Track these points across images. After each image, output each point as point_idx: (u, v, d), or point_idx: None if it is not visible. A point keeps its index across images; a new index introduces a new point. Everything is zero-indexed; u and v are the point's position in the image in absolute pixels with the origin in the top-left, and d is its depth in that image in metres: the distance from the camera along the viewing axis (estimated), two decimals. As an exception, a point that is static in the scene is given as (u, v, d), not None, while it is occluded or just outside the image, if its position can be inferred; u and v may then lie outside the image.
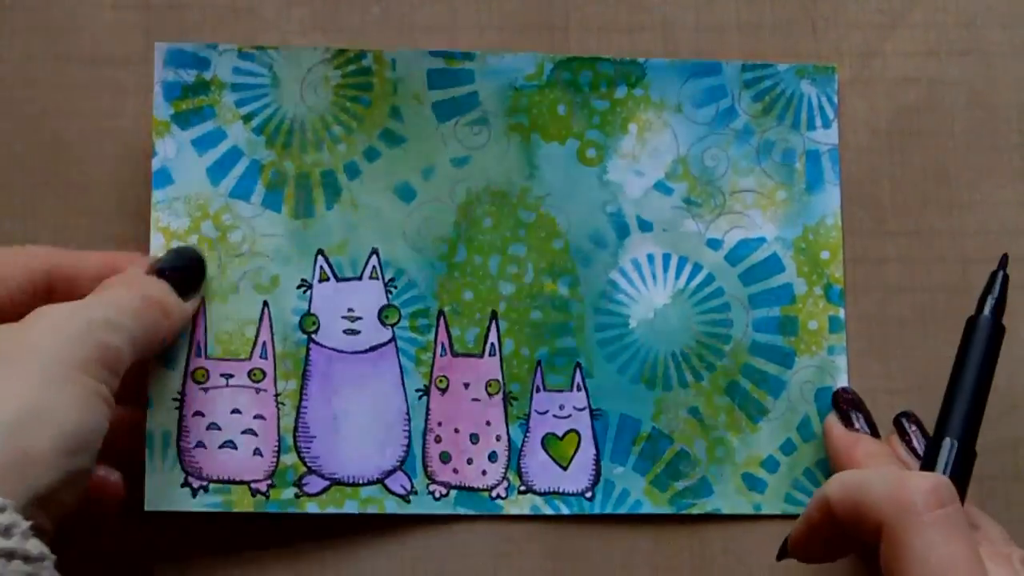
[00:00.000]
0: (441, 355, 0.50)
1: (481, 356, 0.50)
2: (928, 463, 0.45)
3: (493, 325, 0.50)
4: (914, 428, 0.49)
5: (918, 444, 0.48)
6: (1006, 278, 0.46)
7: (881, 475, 0.41)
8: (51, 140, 0.51)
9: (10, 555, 0.35)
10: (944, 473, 0.44)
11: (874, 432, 0.49)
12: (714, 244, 0.51)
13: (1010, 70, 0.53)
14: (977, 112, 0.53)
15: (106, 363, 0.41)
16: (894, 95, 0.53)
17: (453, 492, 0.49)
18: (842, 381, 0.51)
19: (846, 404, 0.50)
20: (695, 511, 0.50)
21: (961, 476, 0.44)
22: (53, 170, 0.51)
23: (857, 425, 0.49)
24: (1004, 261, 0.47)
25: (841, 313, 0.51)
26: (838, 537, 0.43)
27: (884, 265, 0.52)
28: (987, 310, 0.46)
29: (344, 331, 0.50)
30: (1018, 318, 0.51)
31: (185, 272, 0.48)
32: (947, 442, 0.44)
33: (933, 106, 0.53)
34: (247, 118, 0.50)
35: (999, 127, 0.53)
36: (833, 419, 0.50)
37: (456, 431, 0.50)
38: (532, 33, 0.53)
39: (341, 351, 0.49)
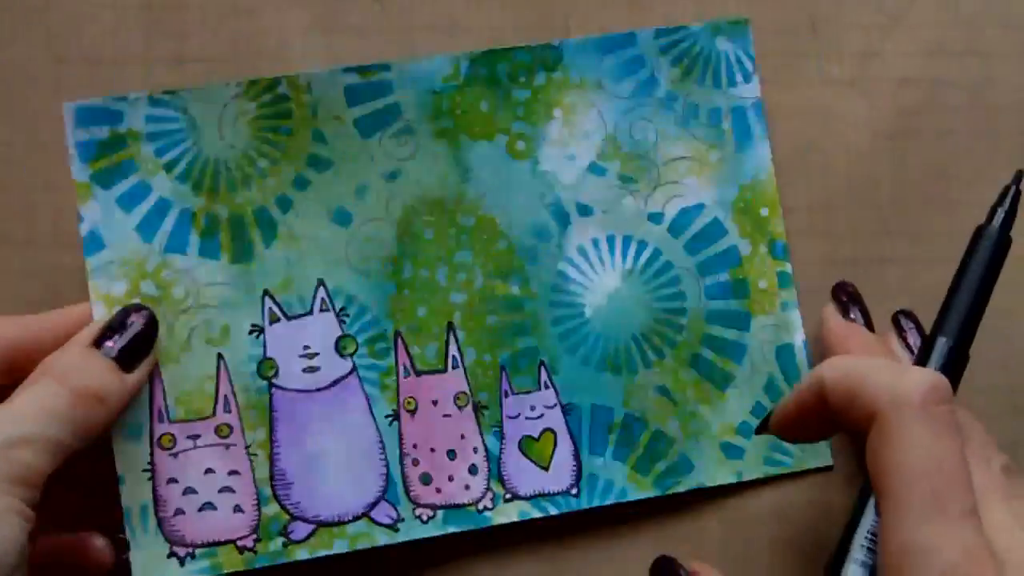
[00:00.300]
0: (405, 376, 0.49)
1: (444, 371, 0.49)
2: (921, 360, 0.45)
3: (451, 337, 0.49)
4: (911, 325, 0.49)
5: (913, 340, 0.48)
6: (1018, 193, 0.46)
7: (880, 364, 0.41)
8: (51, 140, 0.50)
9: None
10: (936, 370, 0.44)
11: (869, 328, 0.49)
12: (655, 218, 0.51)
13: (1010, 70, 0.53)
14: (977, 112, 0.53)
15: (21, 480, 0.41)
16: (894, 95, 0.53)
17: (440, 512, 0.49)
18: (799, 335, 0.51)
19: (845, 296, 0.50)
20: (680, 488, 0.50)
21: (952, 377, 0.44)
22: (53, 170, 0.50)
23: (853, 316, 0.49)
24: (1018, 177, 0.46)
25: (788, 268, 0.51)
26: (825, 420, 0.42)
27: (884, 265, 0.52)
28: (996, 222, 0.45)
29: (303, 370, 0.48)
30: (1019, 315, 0.52)
31: (131, 342, 0.46)
32: (941, 341, 0.44)
33: (933, 106, 0.53)
34: (169, 167, 0.48)
35: (999, 127, 0.53)
36: (831, 309, 0.50)
37: (432, 450, 0.49)
38: (532, 33, 0.52)
39: (304, 391, 0.48)
